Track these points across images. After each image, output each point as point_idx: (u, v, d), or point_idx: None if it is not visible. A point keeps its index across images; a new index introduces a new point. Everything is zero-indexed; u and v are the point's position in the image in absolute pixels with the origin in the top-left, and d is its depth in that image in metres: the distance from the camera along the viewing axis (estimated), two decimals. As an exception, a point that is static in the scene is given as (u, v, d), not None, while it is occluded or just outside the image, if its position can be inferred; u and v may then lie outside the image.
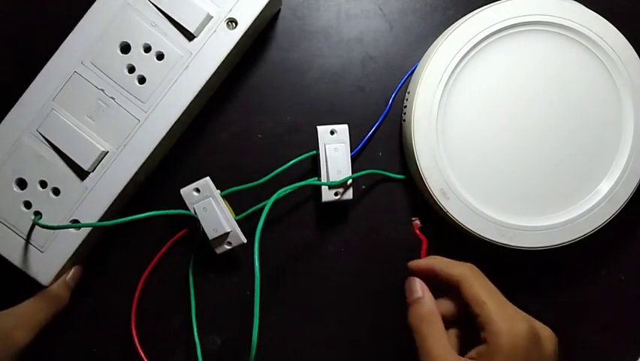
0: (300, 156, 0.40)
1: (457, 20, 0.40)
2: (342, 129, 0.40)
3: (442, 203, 0.39)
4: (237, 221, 0.40)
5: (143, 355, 0.39)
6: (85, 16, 0.35)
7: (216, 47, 0.36)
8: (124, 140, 0.36)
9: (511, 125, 0.39)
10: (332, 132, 0.40)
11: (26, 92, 0.36)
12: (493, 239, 0.39)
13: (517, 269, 0.43)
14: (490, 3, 0.39)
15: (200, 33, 0.36)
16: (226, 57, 0.36)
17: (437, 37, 0.41)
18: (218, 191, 0.39)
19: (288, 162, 0.40)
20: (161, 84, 0.36)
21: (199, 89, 0.36)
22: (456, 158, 0.39)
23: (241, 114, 0.42)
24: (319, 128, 0.40)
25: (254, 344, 0.31)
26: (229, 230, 0.39)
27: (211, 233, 0.38)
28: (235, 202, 0.40)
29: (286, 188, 0.37)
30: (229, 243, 0.39)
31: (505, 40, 0.38)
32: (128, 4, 0.35)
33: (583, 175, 0.39)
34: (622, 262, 0.44)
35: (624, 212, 0.39)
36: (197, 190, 0.39)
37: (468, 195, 0.39)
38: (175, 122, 0.36)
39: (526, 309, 0.43)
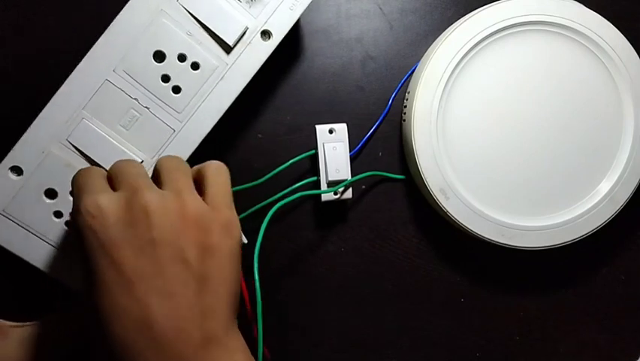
0: (300, 155, 0.40)
1: (457, 20, 0.40)
2: (341, 128, 0.40)
3: (442, 203, 0.39)
4: (237, 221, 0.39)
5: None
6: (115, 21, 0.34)
7: (251, 58, 0.36)
8: (158, 149, 0.36)
9: (511, 125, 0.39)
10: (331, 131, 0.40)
11: (52, 100, 0.34)
12: (493, 239, 0.39)
13: (517, 269, 0.43)
14: (490, 3, 0.39)
15: (236, 45, 0.36)
16: (259, 68, 0.36)
17: (437, 37, 0.41)
18: (218, 191, 0.39)
19: (288, 161, 0.40)
20: (196, 94, 0.35)
21: (233, 99, 0.36)
22: (456, 158, 0.39)
23: (241, 114, 0.42)
24: (318, 127, 0.40)
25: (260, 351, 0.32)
26: (229, 230, 0.38)
27: (211, 233, 0.38)
28: (235, 202, 0.40)
29: (282, 202, 0.37)
30: (229, 243, 0.39)
31: (505, 40, 0.38)
32: (163, 12, 0.34)
33: (583, 175, 0.39)
34: (622, 262, 0.44)
35: (624, 212, 0.39)
36: (197, 190, 0.39)
37: (468, 195, 0.39)
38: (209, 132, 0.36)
39: (527, 309, 0.43)
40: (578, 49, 0.39)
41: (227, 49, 0.36)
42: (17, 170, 0.35)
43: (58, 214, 0.35)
